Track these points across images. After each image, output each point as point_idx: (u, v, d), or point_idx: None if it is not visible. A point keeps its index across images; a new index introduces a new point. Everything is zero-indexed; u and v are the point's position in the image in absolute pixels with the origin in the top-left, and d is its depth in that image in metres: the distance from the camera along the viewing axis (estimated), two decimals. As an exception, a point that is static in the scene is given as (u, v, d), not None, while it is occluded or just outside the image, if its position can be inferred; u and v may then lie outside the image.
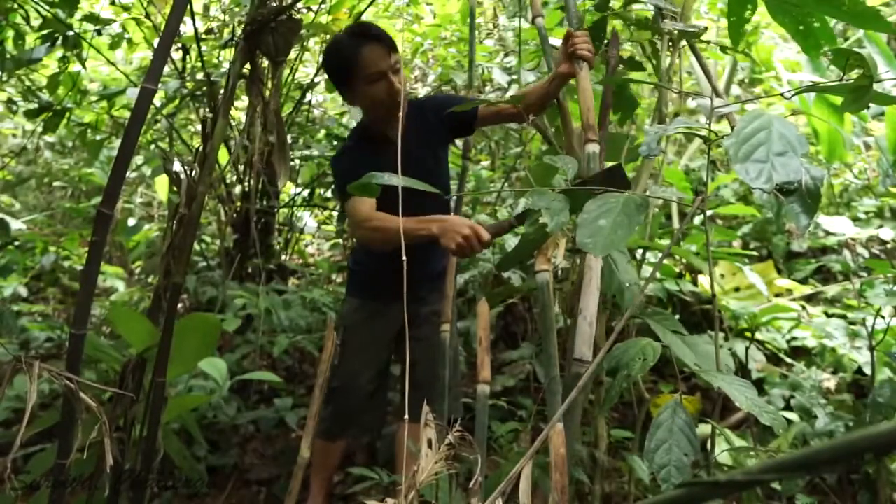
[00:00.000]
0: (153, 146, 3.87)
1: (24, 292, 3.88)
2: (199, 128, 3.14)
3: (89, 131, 3.50)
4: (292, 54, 3.63)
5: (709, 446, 1.37)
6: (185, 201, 1.72)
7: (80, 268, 4.01)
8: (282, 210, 3.97)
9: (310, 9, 3.27)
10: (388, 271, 2.05)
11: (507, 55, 4.00)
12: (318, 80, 3.69)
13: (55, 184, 5.27)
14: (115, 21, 3.48)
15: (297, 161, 4.01)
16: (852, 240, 3.74)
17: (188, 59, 3.32)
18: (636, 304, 1.15)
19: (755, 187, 0.98)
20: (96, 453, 1.54)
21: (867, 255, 3.73)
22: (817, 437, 2.24)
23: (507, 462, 1.99)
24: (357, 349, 2.19)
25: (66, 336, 2.41)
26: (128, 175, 3.63)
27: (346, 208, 1.91)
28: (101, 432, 1.07)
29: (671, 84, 2.04)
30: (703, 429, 2.09)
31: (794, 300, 3.24)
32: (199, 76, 3.23)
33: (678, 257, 3.05)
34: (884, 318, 2.36)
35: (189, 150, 3.76)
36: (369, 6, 3.49)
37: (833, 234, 3.72)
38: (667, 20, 1.89)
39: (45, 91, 3.28)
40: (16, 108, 3.54)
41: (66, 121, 3.26)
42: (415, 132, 1.97)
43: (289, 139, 3.74)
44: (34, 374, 1.01)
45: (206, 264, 3.77)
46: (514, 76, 3.38)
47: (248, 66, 1.95)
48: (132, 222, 4.20)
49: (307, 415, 1.52)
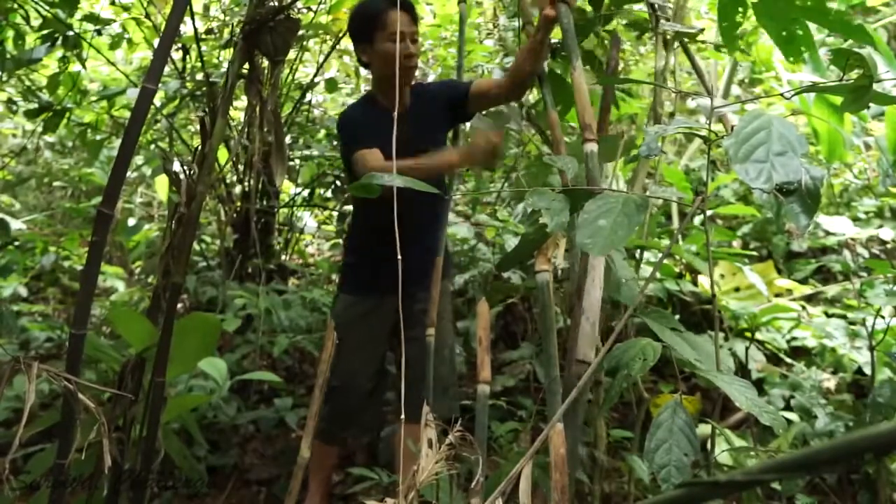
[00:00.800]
0: (153, 146, 3.87)
1: (24, 292, 3.87)
2: (199, 128, 3.14)
3: (89, 131, 3.50)
4: (292, 54, 3.63)
5: (709, 446, 1.37)
6: (185, 201, 1.72)
7: (80, 268, 4.01)
8: (282, 210, 3.97)
9: (310, 9, 3.27)
10: (381, 262, 2.06)
11: (506, 55, 4.00)
12: (318, 80, 3.69)
13: (55, 184, 5.27)
14: (115, 21, 3.48)
15: (297, 161, 4.01)
16: (852, 240, 3.74)
17: (188, 59, 3.32)
18: (635, 302, 1.14)
19: (755, 187, 0.98)
20: (96, 453, 1.54)
21: (867, 255, 3.73)
22: (817, 437, 2.24)
23: (507, 462, 1.99)
24: (354, 347, 2.16)
25: (66, 336, 2.41)
26: (128, 175, 3.63)
27: (355, 160, 1.99)
28: (100, 432, 1.07)
29: (666, 83, 2.04)
30: (703, 429, 2.09)
31: (794, 300, 3.24)
32: (199, 76, 3.23)
33: (678, 257, 3.05)
34: (884, 318, 2.36)
35: (189, 150, 3.75)
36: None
37: (833, 234, 3.72)
38: (661, 20, 1.89)
39: (45, 91, 3.28)
40: (16, 108, 3.54)
41: (66, 121, 3.26)
42: (414, 114, 2.07)
43: (288, 139, 3.75)
44: (32, 375, 1.01)
45: (206, 264, 3.77)
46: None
47: (246, 65, 1.95)
48: (132, 222, 4.20)
49: (307, 415, 1.52)
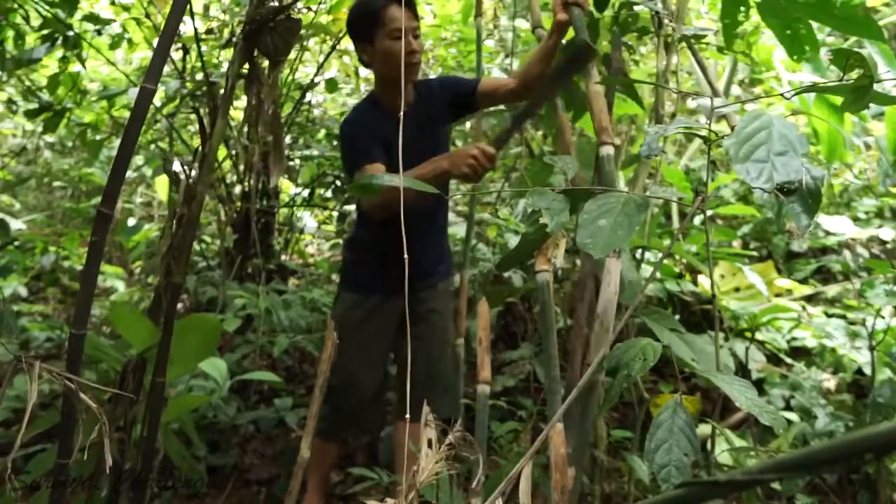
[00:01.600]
0: (153, 146, 3.87)
1: (24, 292, 3.88)
2: (198, 127, 3.14)
3: (89, 131, 3.50)
4: (292, 54, 3.63)
5: (709, 446, 1.37)
6: (185, 201, 1.72)
7: (80, 268, 4.01)
8: (282, 210, 3.97)
9: (310, 9, 3.27)
10: (385, 262, 2.05)
11: (507, 55, 4.00)
12: (318, 80, 3.69)
13: (55, 184, 5.28)
14: (115, 21, 3.48)
15: (297, 161, 4.01)
16: (852, 240, 3.75)
17: (188, 59, 3.32)
18: (635, 302, 1.14)
19: (756, 187, 0.98)
20: (96, 453, 1.54)
21: (867, 255, 3.73)
22: (817, 437, 2.24)
23: (507, 462, 1.99)
24: (356, 347, 2.12)
25: (66, 336, 2.41)
26: (128, 175, 3.62)
27: (357, 176, 1.97)
28: (101, 433, 1.07)
29: (668, 84, 2.04)
30: (703, 429, 2.09)
31: (794, 300, 3.24)
32: (199, 76, 3.23)
33: (678, 257, 3.05)
34: (884, 318, 2.37)
35: (189, 150, 3.76)
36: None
37: (833, 234, 3.72)
38: (666, 21, 1.90)
39: (45, 91, 3.28)
40: (16, 108, 3.55)
41: (66, 121, 3.27)
42: (417, 111, 2.03)
43: (288, 139, 3.75)
44: (35, 375, 1.01)
45: (206, 264, 3.77)
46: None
47: (246, 65, 1.95)
48: (132, 222, 4.21)
49: (307, 415, 1.52)
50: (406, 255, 1.12)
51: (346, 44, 3.60)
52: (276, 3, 1.93)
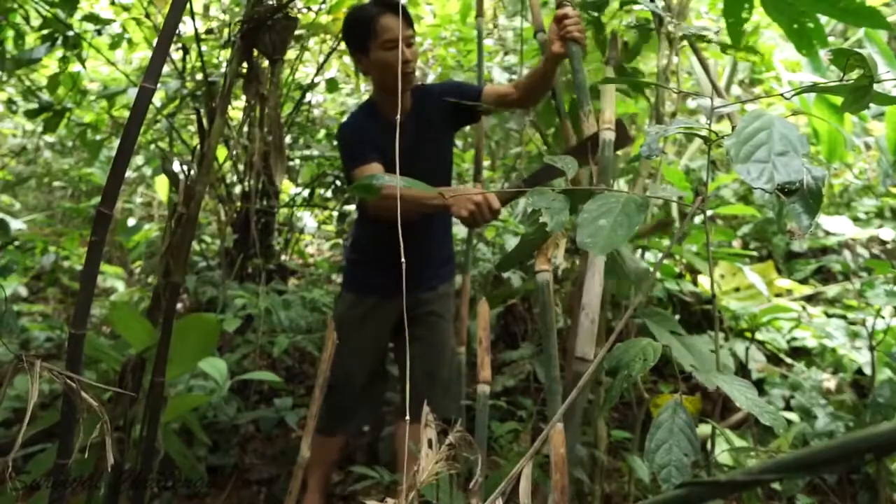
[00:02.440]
0: (153, 146, 3.87)
1: (24, 292, 3.87)
2: (197, 127, 3.15)
3: (89, 131, 3.50)
4: (292, 54, 3.63)
5: (709, 446, 1.37)
6: (184, 200, 1.72)
7: (80, 268, 4.01)
8: (282, 210, 3.97)
9: (310, 9, 3.27)
10: (384, 263, 2.05)
11: (506, 54, 4.00)
12: (318, 80, 3.69)
13: (55, 184, 5.28)
14: (115, 21, 3.48)
15: (297, 161, 4.01)
16: (852, 240, 3.74)
17: (188, 59, 3.32)
18: (635, 302, 1.14)
19: (756, 187, 0.97)
20: (96, 453, 1.54)
21: (867, 255, 3.73)
22: (817, 437, 2.24)
23: (507, 462, 1.99)
24: (353, 347, 2.14)
25: (66, 336, 2.41)
26: (128, 175, 3.63)
27: (354, 176, 1.96)
28: (101, 432, 1.07)
29: (668, 83, 2.04)
30: (703, 429, 2.09)
31: (794, 300, 3.24)
32: (199, 76, 3.23)
33: (678, 257, 3.05)
34: (884, 318, 2.37)
35: (189, 150, 3.75)
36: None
37: (833, 234, 3.72)
38: (667, 21, 1.89)
39: (45, 91, 3.28)
40: (16, 108, 3.55)
41: (66, 121, 3.27)
42: (416, 119, 2.03)
43: (289, 139, 3.75)
44: (36, 374, 1.01)
45: (206, 264, 3.77)
46: (514, 76, 3.39)
47: (245, 65, 1.95)
48: (132, 222, 4.21)
49: (307, 415, 1.52)
50: (403, 259, 1.12)
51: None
52: (273, 2, 1.93)
